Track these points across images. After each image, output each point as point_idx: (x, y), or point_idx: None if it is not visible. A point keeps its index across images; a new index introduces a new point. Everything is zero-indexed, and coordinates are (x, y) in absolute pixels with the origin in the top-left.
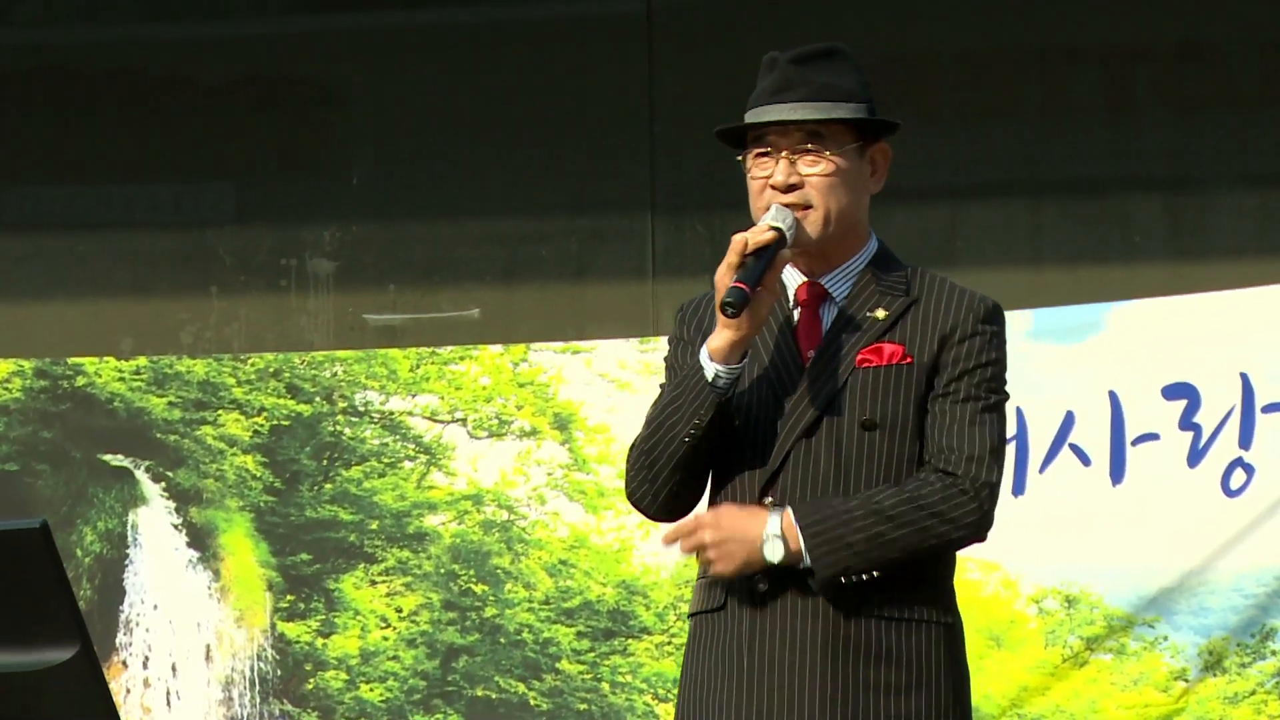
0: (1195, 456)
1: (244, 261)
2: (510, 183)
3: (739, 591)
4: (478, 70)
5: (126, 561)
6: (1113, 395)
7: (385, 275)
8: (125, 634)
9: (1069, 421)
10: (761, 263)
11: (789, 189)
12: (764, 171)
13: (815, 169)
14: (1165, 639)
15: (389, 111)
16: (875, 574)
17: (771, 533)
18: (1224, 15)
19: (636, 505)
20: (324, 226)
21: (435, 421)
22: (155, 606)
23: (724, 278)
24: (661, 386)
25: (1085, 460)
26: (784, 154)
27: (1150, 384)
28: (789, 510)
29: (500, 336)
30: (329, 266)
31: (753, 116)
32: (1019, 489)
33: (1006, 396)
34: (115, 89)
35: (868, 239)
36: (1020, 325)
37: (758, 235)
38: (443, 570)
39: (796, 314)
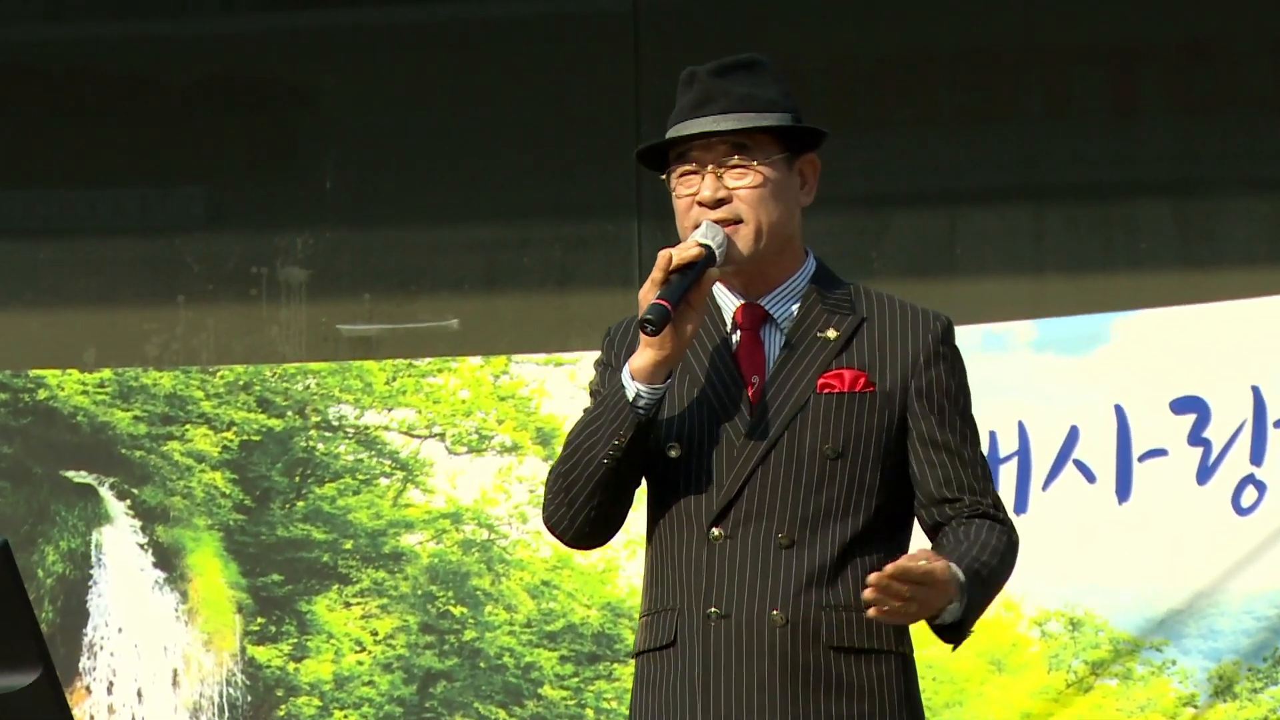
0: (1205, 473)
1: (213, 269)
2: (491, 187)
3: (689, 625)
4: (457, 70)
5: (90, 582)
6: (1119, 409)
7: (360, 284)
8: (89, 658)
9: (1073, 437)
10: (686, 280)
11: (717, 204)
12: (690, 189)
13: (743, 181)
14: (1173, 663)
15: (364, 113)
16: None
17: (958, 590)
18: (1233, 14)
19: (553, 530)
20: (296, 233)
21: (412, 436)
22: (120, 629)
23: (647, 295)
24: (585, 411)
25: (1090, 477)
26: (710, 168)
27: (1158, 397)
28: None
29: (480, 348)
30: (301, 275)
31: (675, 132)
32: (1021, 507)
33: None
34: (78, 89)
35: (805, 256)
36: (1023, 336)
37: (683, 251)
38: (420, 592)
39: (736, 338)
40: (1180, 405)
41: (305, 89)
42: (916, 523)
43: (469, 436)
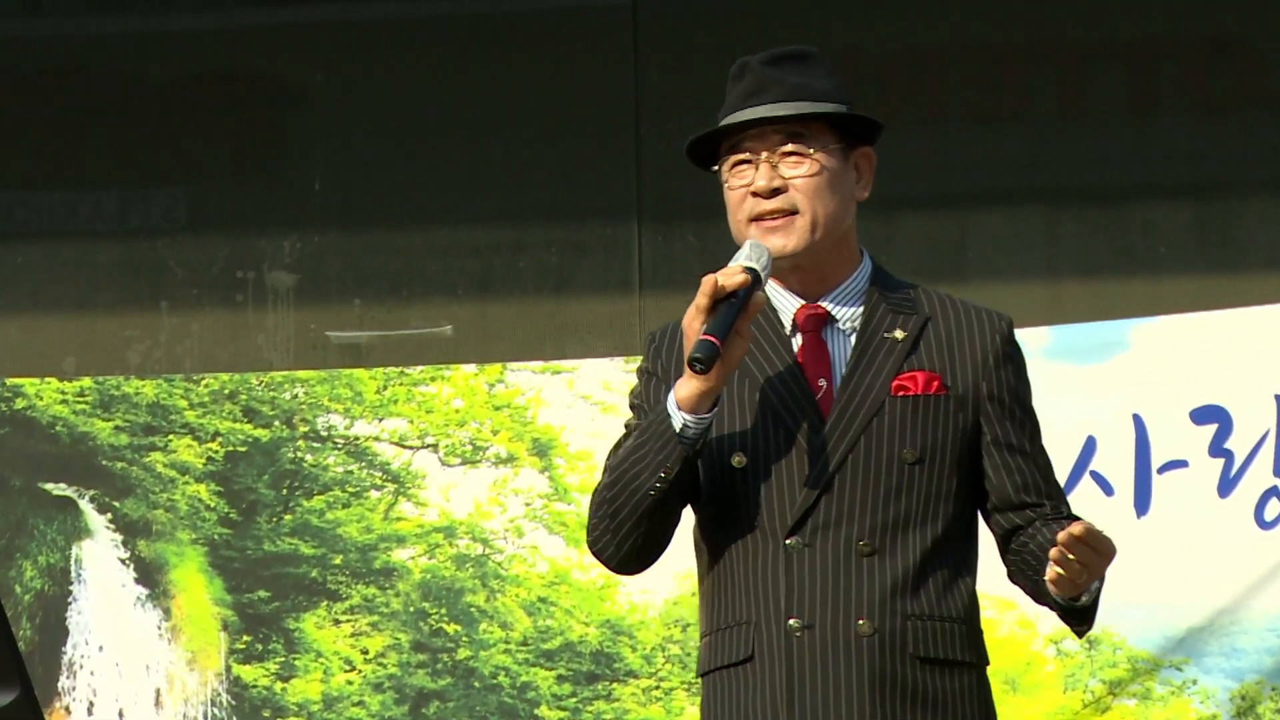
0: (1226, 485)
1: (196, 274)
2: (485, 188)
3: (767, 639)
4: (450, 67)
5: (70, 599)
6: (1137, 419)
7: (350, 289)
8: (68, 677)
9: (1090, 447)
10: (733, 309)
11: (772, 194)
12: (743, 180)
13: (799, 170)
14: (1194, 683)
15: (353, 111)
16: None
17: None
18: (1255, 8)
19: (598, 556)
20: (283, 236)
21: (404, 447)
22: (101, 648)
23: (692, 323)
24: (627, 425)
25: (1107, 489)
26: (764, 157)
27: (1177, 407)
28: None
29: (474, 355)
30: (289, 279)
31: (727, 121)
32: None
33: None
34: (56, 87)
35: (861, 255)
36: (1037, 343)
37: (729, 278)
38: (412, 609)
39: (797, 340)
40: (1201, 415)
41: (293, 86)
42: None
43: (463, 447)
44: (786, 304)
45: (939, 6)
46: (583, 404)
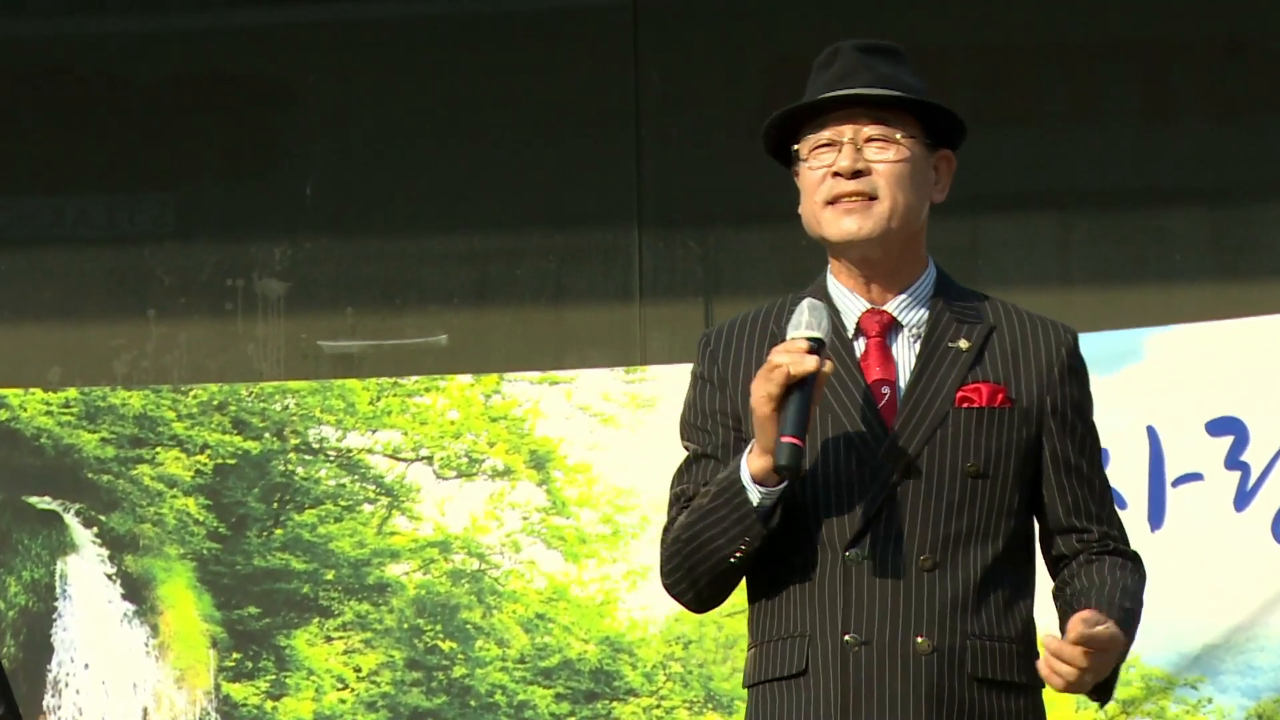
0: (1243, 499)
1: (185, 282)
2: (481, 194)
3: (822, 652)
4: (445, 68)
5: (55, 615)
6: (1151, 431)
7: (342, 297)
8: (53, 695)
9: (1103, 460)
10: (805, 398)
11: (855, 175)
12: (824, 161)
13: (884, 155)
14: (1210, 701)
15: (347, 114)
16: None
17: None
18: (1273, 8)
19: (676, 599)
20: (274, 242)
21: (398, 460)
22: (86, 665)
23: (762, 409)
24: (687, 448)
25: (1121, 503)
26: (849, 139)
27: (1193, 418)
28: None
29: (470, 365)
30: (280, 287)
31: (819, 98)
32: None
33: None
34: (41, 89)
35: (927, 260)
36: None
37: (799, 365)
38: (406, 625)
39: (860, 345)
40: (1216, 426)
41: (284, 88)
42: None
43: (458, 460)
44: (851, 306)
45: (945, 5)
46: (581, 415)
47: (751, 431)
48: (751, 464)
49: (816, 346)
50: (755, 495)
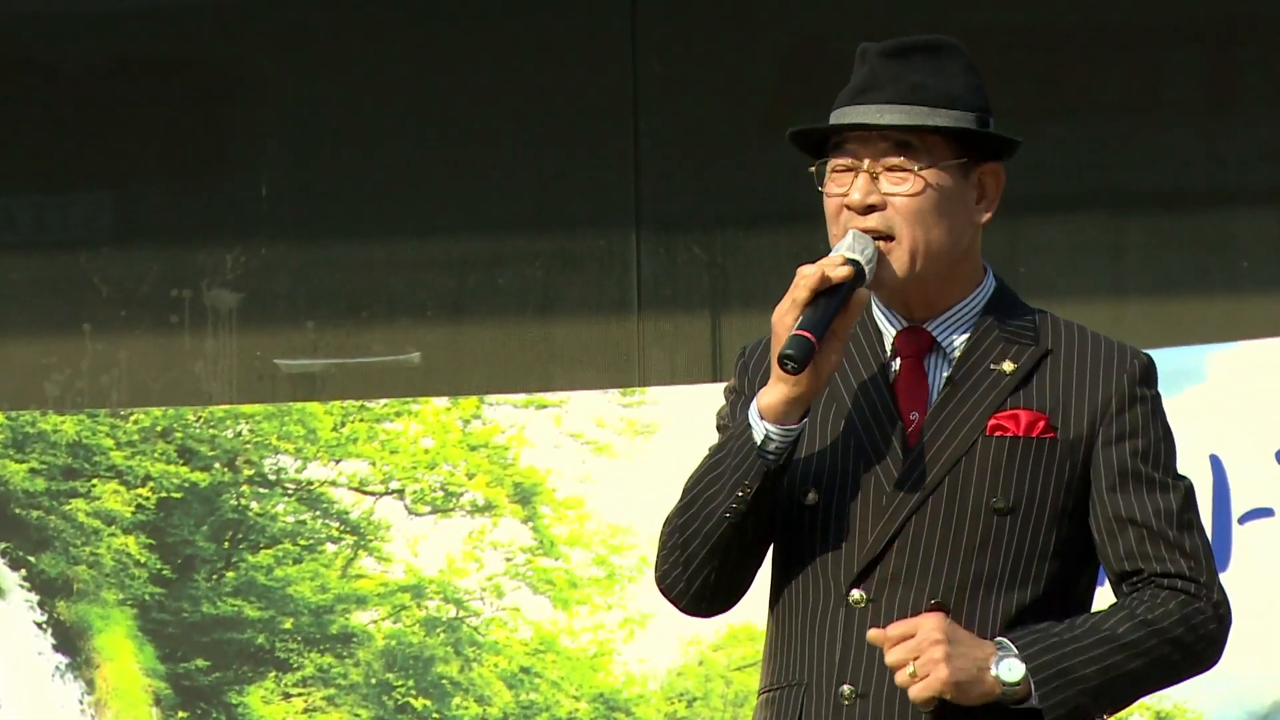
0: None
1: (124, 292)
2: (459, 194)
3: (817, 705)
4: (417, 53)
5: None
6: (1215, 460)
7: (302, 310)
8: None
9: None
10: (832, 304)
11: (867, 210)
12: (841, 188)
13: (900, 188)
14: None
15: (307, 105)
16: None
17: (1006, 652)
18: None
19: (665, 593)
20: (225, 248)
21: (365, 494)
22: None
23: (785, 318)
24: (710, 451)
25: None
26: (865, 167)
27: (1262, 446)
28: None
29: (447, 387)
30: (231, 299)
31: (834, 119)
32: (1099, 577)
33: (1189, 481)
34: None
35: (983, 276)
36: None
37: (830, 269)
38: (374, 680)
39: (895, 365)
40: None
41: (237, 76)
42: None
43: (433, 494)
44: (888, 325)
45: None
46: (572, 443)
47: None
48: (761, 397)
49: (855, 268)
50: (760, 431)
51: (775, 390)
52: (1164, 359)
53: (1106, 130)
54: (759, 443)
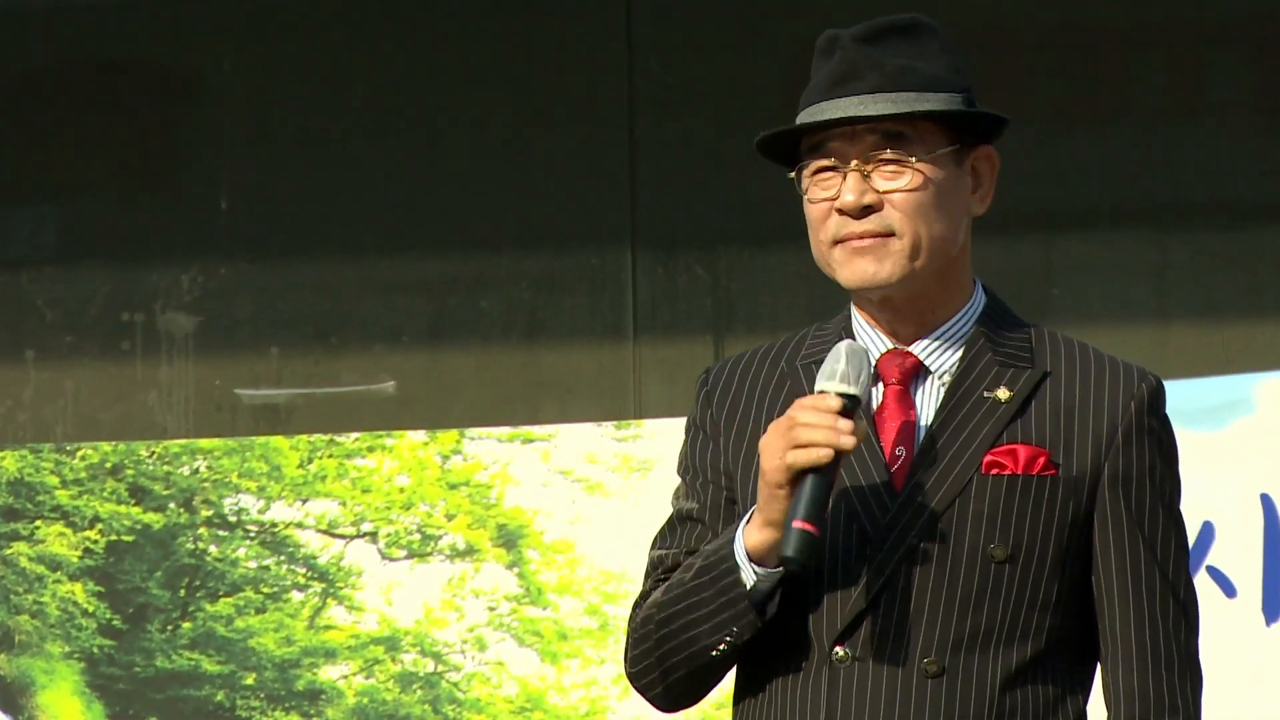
0: None
1: (70, 316)
2: (437, 209)
3: None
4: (390, 55)
5: None
6: (1266, 500)
7: (265, 335)
8: None
9: (1207, 535)
10: (827, 478)
11: (863, 212)
12: (827, 191)
13: (897, 183)
14: None
15: (270, 110)
16: None
17: None
18: None
19: (639, 689)
20: (181, 268)
21: (334, 536)
22: None
23: (775, 477)
24: (674, 503)
25: (1229, 589)
26: (853, 165)
27: None
28: None
29: (424, 419)
30: (188, 323)
31: (807, 116)
32: None
33: (1185, 535)
34: None
35: (973, 288)
36: None
37: (836, 440)
38: None
39: (878, 393)
40: None
41: (192, 78)
42: None
43: (409, 537)
44: (872, 346)
45: None
46: (561, 481)
47: (745, 494)
48: (749, 537)
49: (851, 406)
50: (750, 576)
51: (766, 534)
52: (1210, 388)
53: (1148, 137)
54: (749, 587)
